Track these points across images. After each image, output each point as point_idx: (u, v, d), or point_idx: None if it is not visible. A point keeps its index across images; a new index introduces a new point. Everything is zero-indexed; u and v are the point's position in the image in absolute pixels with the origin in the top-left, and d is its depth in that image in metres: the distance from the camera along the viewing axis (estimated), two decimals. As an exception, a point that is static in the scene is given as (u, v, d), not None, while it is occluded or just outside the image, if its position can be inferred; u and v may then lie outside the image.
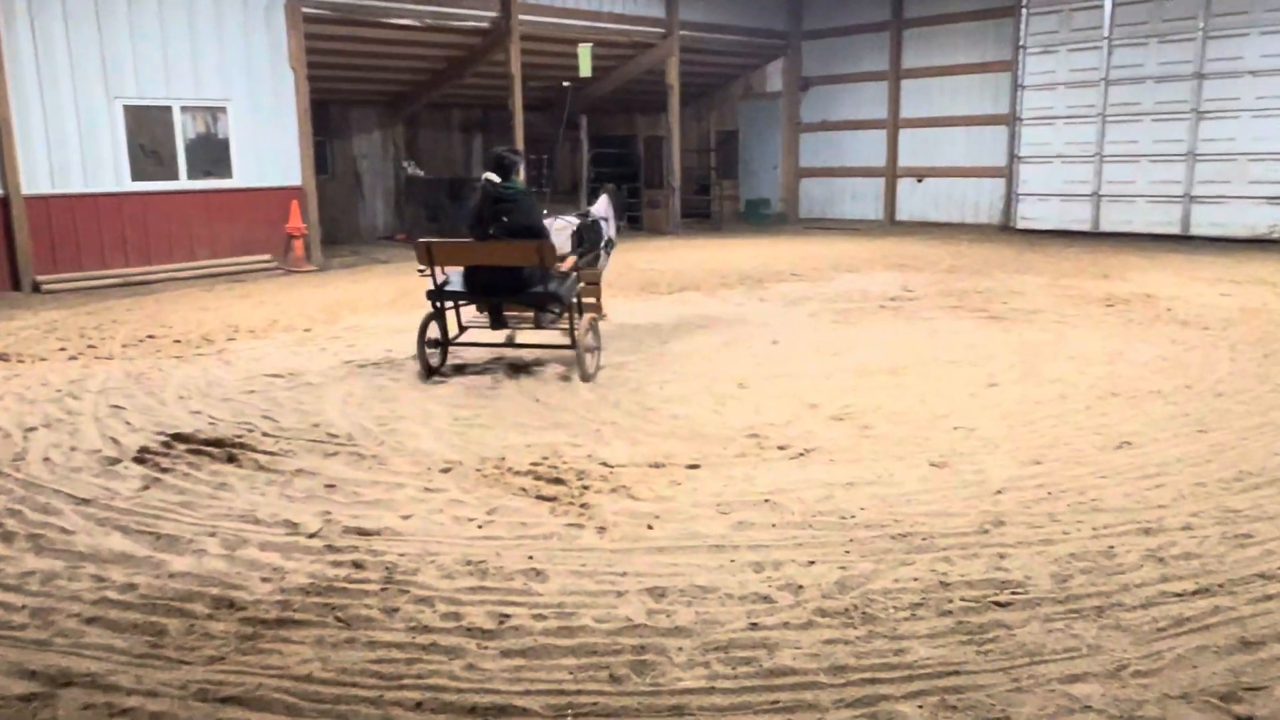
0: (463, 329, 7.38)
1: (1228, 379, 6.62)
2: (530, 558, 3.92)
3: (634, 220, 19.95)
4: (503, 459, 5.14)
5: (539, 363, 7.43)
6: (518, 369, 7.22)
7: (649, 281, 12.06)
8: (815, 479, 4.77)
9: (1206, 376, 6.70)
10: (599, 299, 8.02)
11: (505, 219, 6.72)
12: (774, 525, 4.21)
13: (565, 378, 6.95)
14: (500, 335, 7.75)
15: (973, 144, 18.49)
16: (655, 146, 20.82)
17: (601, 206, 8.77)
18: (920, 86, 19.05)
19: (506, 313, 7.20)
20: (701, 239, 17.87)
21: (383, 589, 3.65)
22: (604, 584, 3.68)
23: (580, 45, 15.19)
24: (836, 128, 20.53)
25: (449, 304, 7.06)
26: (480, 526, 4.25)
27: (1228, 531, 4.05)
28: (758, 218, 21.11)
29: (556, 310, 7.09)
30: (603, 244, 8.38)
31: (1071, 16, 16.46)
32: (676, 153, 18.77)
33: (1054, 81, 16.78)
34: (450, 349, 7.28)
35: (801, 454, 5.17)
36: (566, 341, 7.10)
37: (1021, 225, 17.47)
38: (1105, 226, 16.39)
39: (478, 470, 4.96)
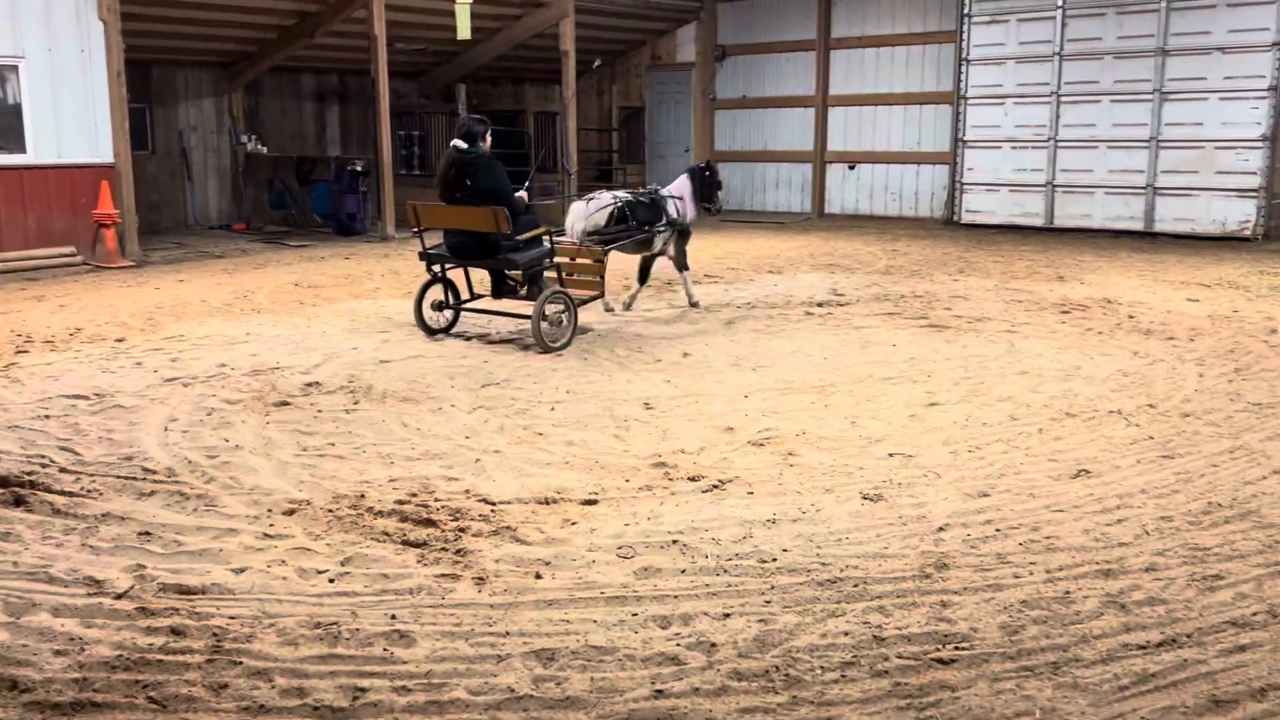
0: (474, 295, 9.12)
1: (1195, 397, 6.94)
2: (393, 617, 3.84)
3: (521, 208, 19.87)
4: (361, 497, 5.04)
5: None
6: (376, 393, 7.11)
7: (538, 281, 12.01)
8: (731, 516, 4.81)
9: (1172, 394, 7.01)
10: (601, 277, 9.16)
11: (469, 182, 8.33)
12: (683, 571, 4.22)
13: (438, 409, 6.87)
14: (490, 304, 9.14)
15: (912, 125, 19.04)
16: (548, 124, 20.81)
17: (678, 184, 10.52)
18: (852, 59, 19.53)
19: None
20: (601, 231, 17.88)
21: (208, 660, 3.52)
22: (482, 647, 3.63)
23: (458, 2, 15.09)
24: (757, 105, 20.87)
25: (437, 267, 8.78)
26: (332, 580, 4.15)
27: (1196, 573, 4.23)
28: (667, 207, 21.24)
29: (513, 280, 8.66)
30: (662, 225, 10.05)
31: (1022, -19, 17.15)
32: (573, 131, 18.80)
33: (1003, 55, 17.41)
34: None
35: (716, 486, 5.22)
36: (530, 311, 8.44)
37: (967, 219, 18.04)
38: (1060, 221, 17.06)
39: (330, 511, 4.85)
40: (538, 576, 4.19)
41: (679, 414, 6.56)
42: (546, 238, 8.70)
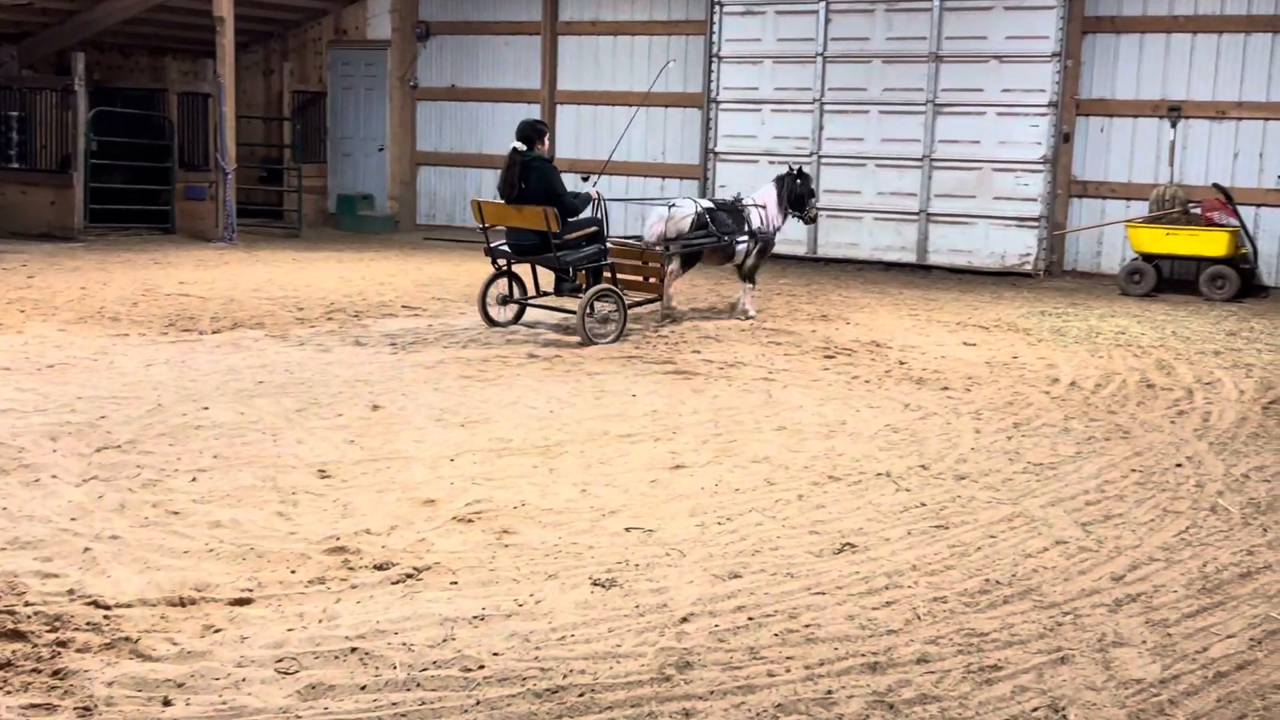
0: (540, 293, 11.59)
1: (972, 457, 7.44)
2: (-40, 766, 3.53)
3: (162, 219, 19.06)
4: (-81, 602, 4.63)
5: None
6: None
7: (181, 314, 11.61)
8: (429, 613, 4.75)
9: (946, 453, 7.49)
10: (660, 280, 11.66)
11: (524, 184, 10.76)
12: (363, 688, 4.13)
13: (33, 481, 6.44)
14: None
15: (656, 132, 19.62)
16: (197, 108, 20.09)
17: (764, 193, 12.69)
18: (586, 48, 19.97)
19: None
20: (269, 250, 17.49)
21: None
22: (87, 801, 3.39)
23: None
24: (470, 97, 20.96)
25: (502, 262, 11.36)
26: None
27: (972, 663, 4.50)
28: (356, 221, 20.99)
29: (569, 278, 11.26)
30: (743, 236, 12.13)
31: (781, -34, 18.09)
32: (231, 120, 18.22)
33: (759, 53, 18.28)
34: None
35: (410, 576, 5.14)
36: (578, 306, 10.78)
37: (721, 245, 18.71)
38: (825, 250, 18.00)
39: (-128, 623, 4.42)
40: (166, 704, 3.98)
41: (364, 483, 6.44)
42: (601, 237, 11.11)
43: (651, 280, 11.81)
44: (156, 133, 19.75)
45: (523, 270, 11.67)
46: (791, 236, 18.13)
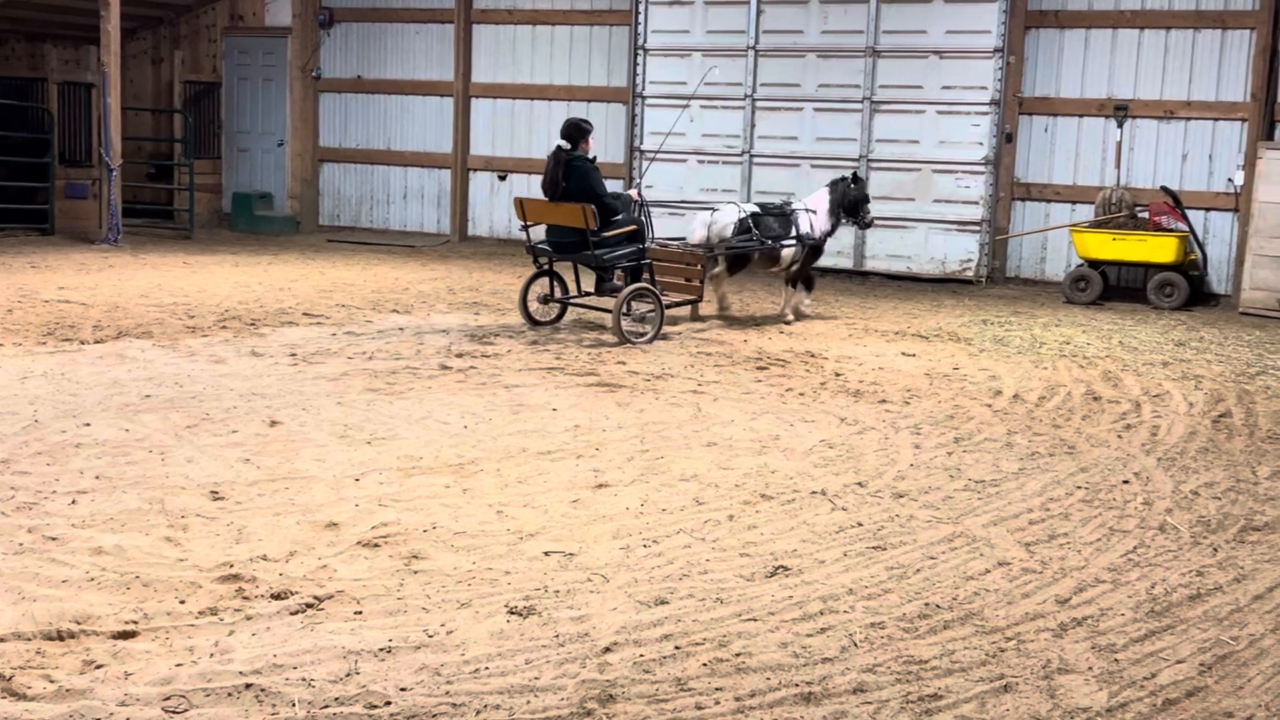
0: (582, 292, 12.35)
1: (911, 473, 7.51)
2: None
3: (40, 219, 18.73)
4: None
5: None
6: None
7: (61, 322, 11.43)
8: (330, 645, 4.71)
9: (884, 470, 7.56)
10: (699, 281, 12.60)
11: (565, 182, 11.59)
12: (261, 727, 4.07)
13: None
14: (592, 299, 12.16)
15: (579, 127, 19.60)
16: (80, 99, 19.78)
17: (816, 197, 13.50)
18: (502, 38, 19.94)
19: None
20: (157, 253, 17.27)
21: None
22: None
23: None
24: (378, 89, 20.84)
25: (543, 261, 12.13)
26: None
27: (911, 692, 4.54)
28: (253, 222, 20.80)
29: (609, 277, 11.94)
30: (791, 240, 12.88)
31: (710, -46, 18.19)
32: (116, 112, 17.96)
33: (688, 46, 18.37)
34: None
35: (310, 605, 5.10)
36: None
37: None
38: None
39: None
40: (47, 743, 3.90)
41: (261, 506, 6.38)
42: (640, 237, 11.84)
43: (691, 282, 12.63)
44: (34, 125, 19.40)
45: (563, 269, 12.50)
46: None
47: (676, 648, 4.84)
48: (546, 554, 5.85)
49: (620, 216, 11.80)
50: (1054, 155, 16.85)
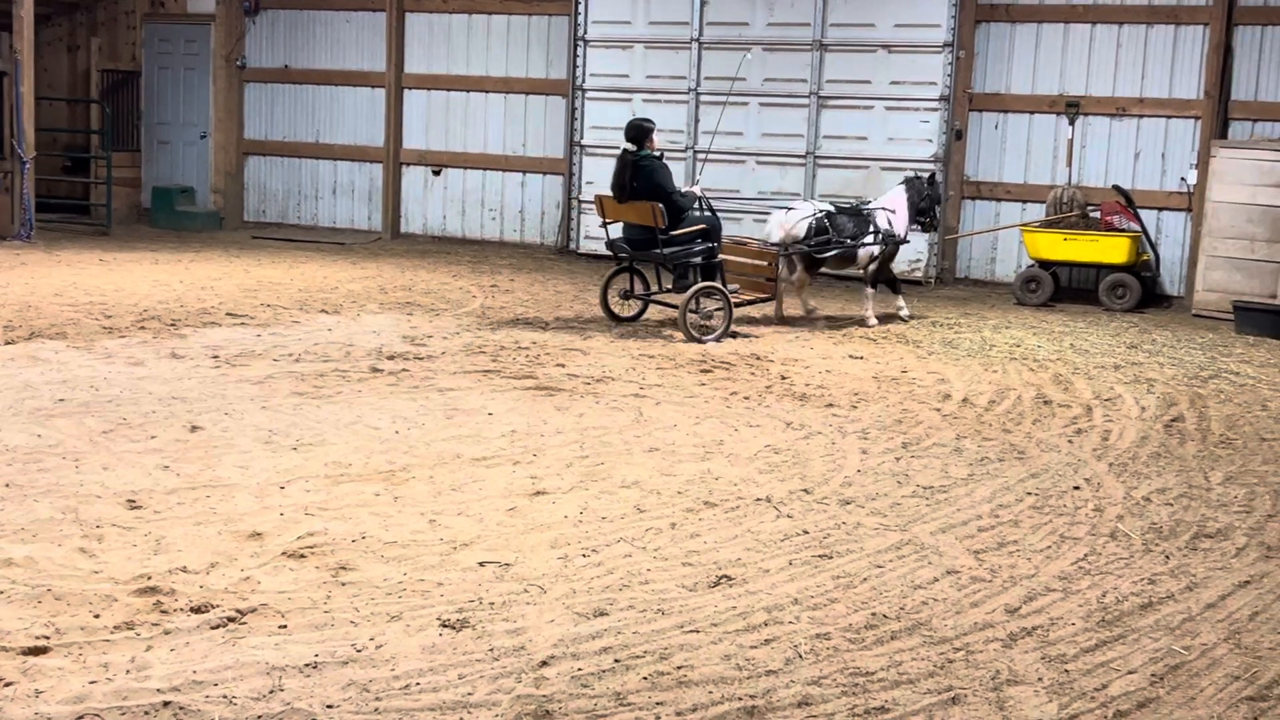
0: (663, 289, 12.86)
1: (858, 479, 7.55)
2: None
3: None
4: None
5: None
6: None
7: (-26, 321, 11.23)
8: (253, 661, 4.66)
9: (831, 476, 7.59)
10: (772, 280, 13.00)
11: (635, 183, 12.16)
12: (180, 747, 4.03)
13: None
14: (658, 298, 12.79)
15: (516, 122, 19.60)
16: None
17: (892, 196, 13.90)
18: (436, 27, 19.87)
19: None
20: (73, 250, 17.07)
21: None
22: None
23: None
24: (306, 79, 20.71)
25: (624, 257, 12.84)
26: None
27: (857, 705, 4.56)
28: (174, 218, 20.61)
29: (686, 275, 12.43)
30: (868, 240, 13.34)
31: (652, -57, 18.20)
32: (29, 102, 17.75)
33: (629, 38, 18.37)
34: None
35: (232, 619, 5.05)
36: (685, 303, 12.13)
37: (587, 247, 18.75)
38: (703, 254, 18.11)
39: None
40: (-48, 767, 3.84)
41: (181, 515, 6.31)
42: (712, 235, 12.40)
43: (764, 280, 13.09)
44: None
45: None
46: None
47: (616, 661, 4.83)
48: (481, 564, 5.82)
49: (690, 213, 12.39)
50: (1005, 153, 17.01)
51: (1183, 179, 16.16)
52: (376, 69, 20.17)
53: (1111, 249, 15.46)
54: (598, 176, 18.59)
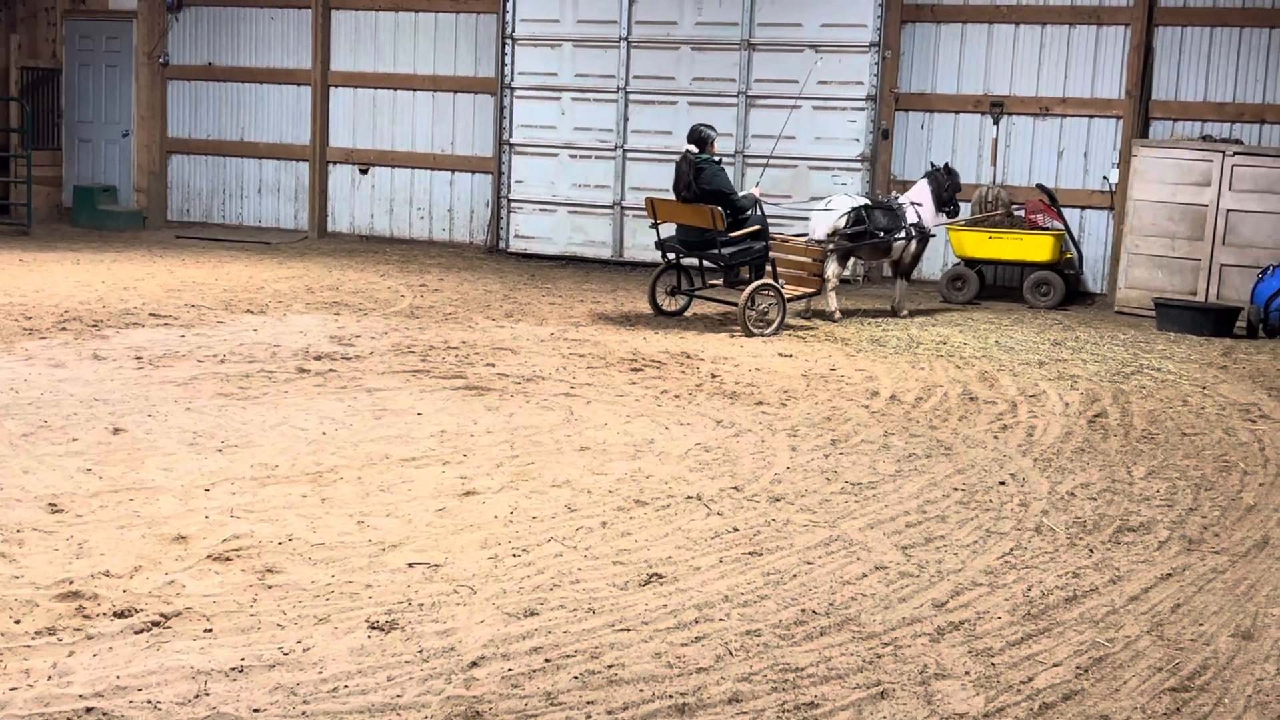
0: (706, 284, 13.77)
1: (787, 476, 7.58)
2: None
3: None
4: None
5: None
6: None
7: (-109, 323, 11.01)
8: (178, 665, 4.62)
9: (760, 474, 7.62)
10: (820, 276, 13.49)
11: (695, 185, 12.72)
12: (103, 754, 3.97)
13: None
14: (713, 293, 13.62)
15: (444, 120, 19.52)
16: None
17: (918, 190, 14.52)
18: (363, 25, 19.75)
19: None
20: (-4, 250, 16.77)
21: None
22: None
23: None
24: (230, 77, 20.51)
25: (671, 255, 13.58)
26: None
27: (787, 701, 4.58)
28: (96, 217, 20.35)
29: (737, 272, 13.09)
30: (900, 234, 13.97)
31: (579, -59, 18.19)
32: (-50, 99, 17.45)
33: (558, 36, 18.34)
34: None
35: (156, 624, 5.00)
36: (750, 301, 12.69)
37: (516, 247, 18.72)
38: (632, 253, 18.16)
39: None
40: None
41: (104, 518, 6.24)
42: (763, 235, 12.96)
43: (810, 275, 13.56)
44: None
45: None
46: (595, 237, 18.36)
47: (546, 660, 4.83)
48: (410, 565, 5.79)
49: (749, 214, 12.96)
50: (930, 152, 17.11)
51: (1105, 178, 16.39)
52: (302, 66, 20.01)
53: (1036, 247, 15.64)
54: (527, 175, 18.59)
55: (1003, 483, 7.63)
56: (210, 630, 4.97)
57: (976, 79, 16.88)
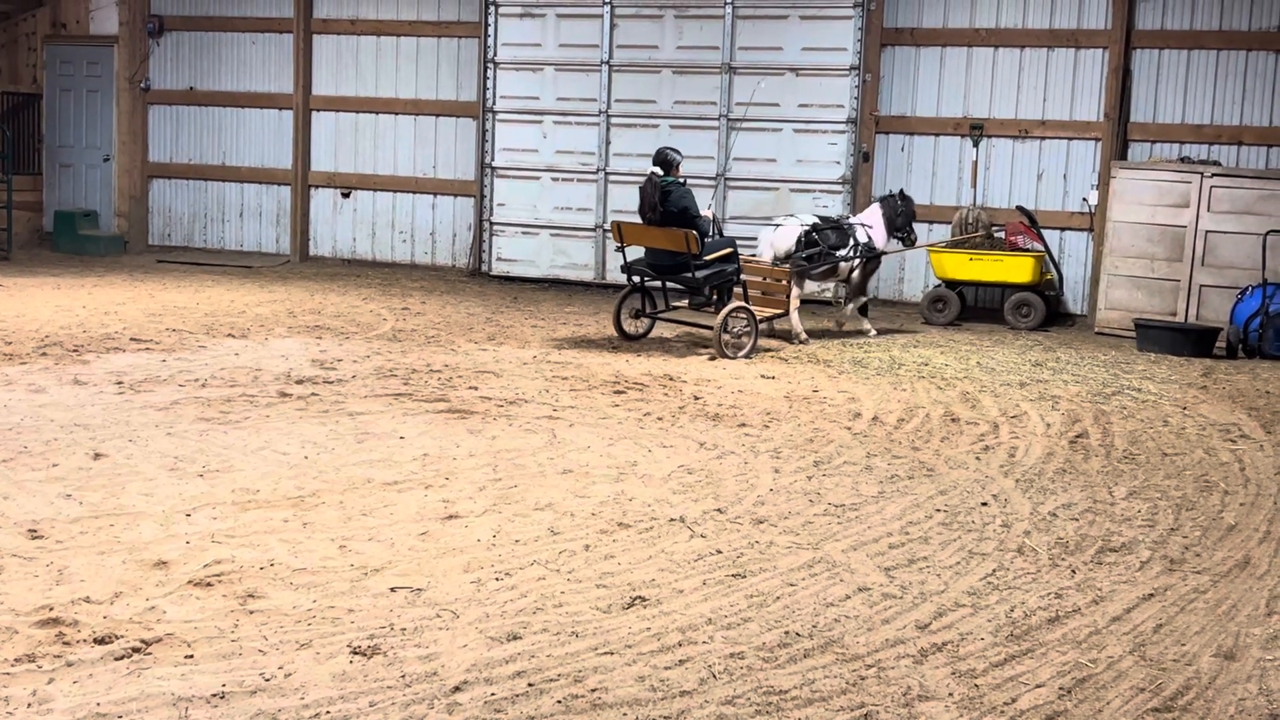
0: (670, 306, 13.63)
1: (770, 498, 7.58)
2: None
3: None
4: None
5: None
6: None
7: None
8: (159, 692, 4.59)
9: (744, 496, 7.62)
10: (787, 296, 13.71)
11: (661, 208, 12.73)
12: (83, 782, 3.94)
13: None
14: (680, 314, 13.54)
15: (426, 144, 19.55)
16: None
17: (869, 213, 14.80)
18: (345, 50, 19.77)
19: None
20: (-23, 275, 16.71)
21: None
22: None
23: None
24: (212, 102, 20.51)
25: (637, 279, 13.43)
26: None
27: (770, 723, 4.57)
28: (76, 242, 20.31)
29: (705, 294, 13.02)
30: (849, 252, 14.11)
31: (562, -33, 18.25)
32: (-69, 124, 17.40)
33: (540, 60, 18.39)
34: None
35: (136, 650, 4.96)
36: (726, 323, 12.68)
37: (499, 270, 18.74)
38: (615, 276, 18.14)
39: None
40: None
41: (84, 544, 6.20)
42: (735, 257, 12.96)
43: (777, 296, 13.85)
44: None
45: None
46: (578, 260, 18.39)
47: (530, 685, 4.80)
48: (393, 590, 5.77)
49: (711, 239, 12.93)
50: (911, 174, 17.19)
51: (1084, 199, 16.46)
52: (284, 90, 20.02)
53: (1016, 269, 15.69)
54: (509, 198, 18.61)
55: (985, 504, 7.64)
56: (191, 656, 4.93)
57: (956, 102, 16.95)
